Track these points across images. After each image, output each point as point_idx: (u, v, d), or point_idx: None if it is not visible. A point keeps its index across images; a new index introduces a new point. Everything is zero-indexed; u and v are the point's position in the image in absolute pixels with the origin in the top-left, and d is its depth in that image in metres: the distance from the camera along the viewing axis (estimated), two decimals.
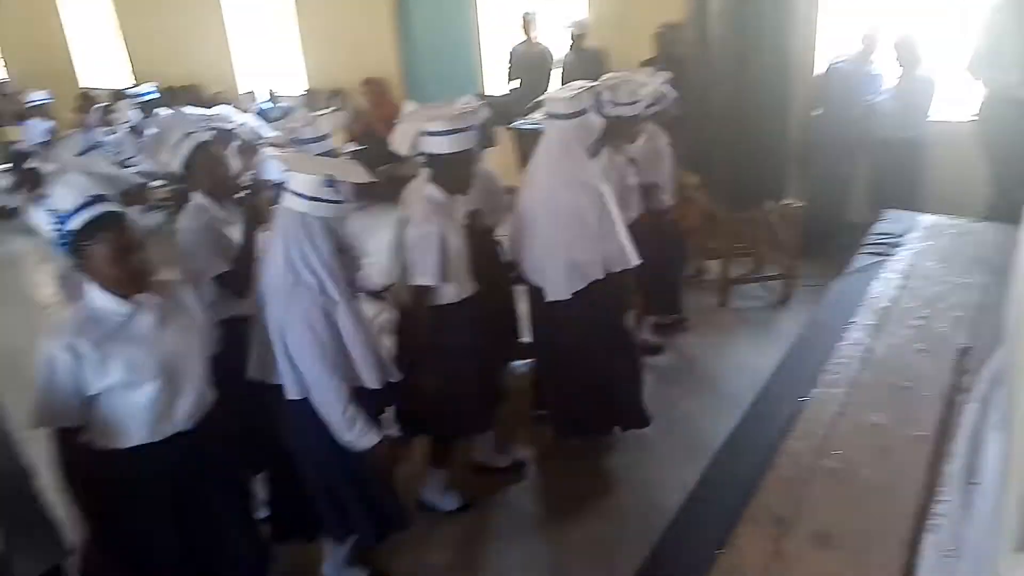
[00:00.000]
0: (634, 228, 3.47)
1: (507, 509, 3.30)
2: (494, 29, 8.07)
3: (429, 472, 3.26)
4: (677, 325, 4.77)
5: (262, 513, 2.72)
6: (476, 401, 3.11)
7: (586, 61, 6.83)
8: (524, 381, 3.84)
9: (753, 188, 4.88)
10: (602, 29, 6.98)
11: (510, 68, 7.44)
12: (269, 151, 3.80)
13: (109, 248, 1.96)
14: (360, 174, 2.43)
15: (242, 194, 2.91)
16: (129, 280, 2.01)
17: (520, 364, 3.98)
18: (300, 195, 2.32)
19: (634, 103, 3.65)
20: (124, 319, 2.03)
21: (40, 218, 1.99)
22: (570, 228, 3.11)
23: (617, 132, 3.67)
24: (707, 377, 4.29)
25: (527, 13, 7.27)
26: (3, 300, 5.90)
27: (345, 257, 2.49)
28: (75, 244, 1.96)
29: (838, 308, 2.77)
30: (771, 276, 5.20)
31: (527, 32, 7.29)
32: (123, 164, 7.22)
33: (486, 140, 3.69)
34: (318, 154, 3.26)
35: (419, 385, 2.83)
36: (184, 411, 2.14)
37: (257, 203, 2.79)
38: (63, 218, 1.94)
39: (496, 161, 3.82)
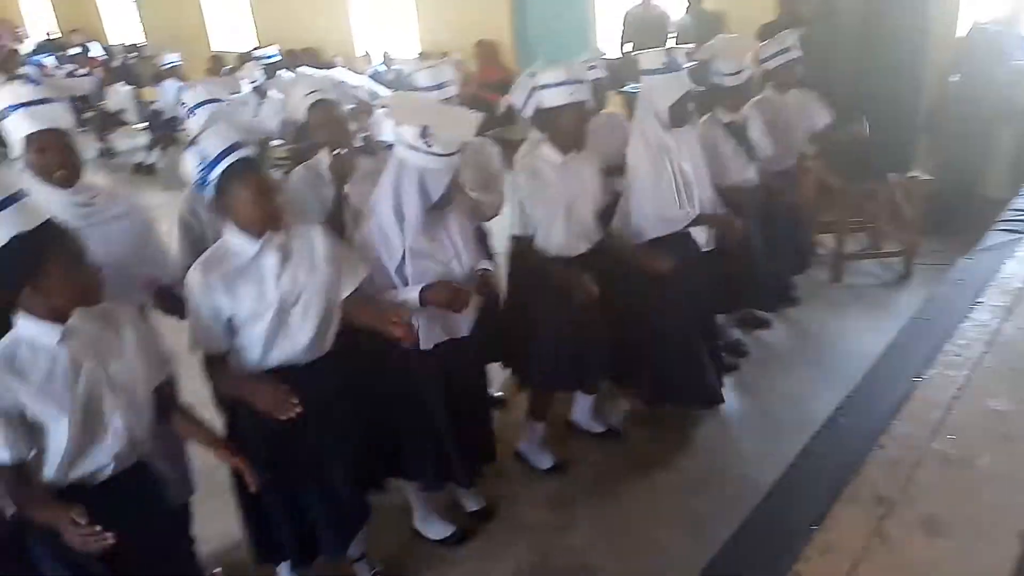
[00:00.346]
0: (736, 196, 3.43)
1: (598, 473, 3.31)
2: None
3: (527, 425, 3.30)
4: (787, 300, 4.59)
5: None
6: (588, 358, 3.11)
7: (703, 24, 6.61)
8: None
9: (876, 159, 4.61)
10: None
11: (624, 32, 7.30)
12: (381, 111, 3.88)
13: (248, 191, 2.08)
14: (465, 124, 2.45)
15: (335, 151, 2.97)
16: (263, 221, 2.13)
17: None
18: (401, 143, 2.41)
19: (738, 72, 3.52)
20: (253, 257, 2.16)
21: (188, 163, 2.13)
22: (636, 182, 3.11)
23: (718, 100, 3.55)
24: (815, 354, 4.14)
25: None
26: None
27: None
28: (218, 187, 2.09)
29: (963, 287, 2.59)
30: (889, 253, 4.93)
31: None
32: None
33: (598, 102, 3.64)
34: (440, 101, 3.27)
35: (538, 334, 2.95)
36: (299, 346, 2.24)
37: (344, 160, 2.85)
38: (209, 164, 2.07)
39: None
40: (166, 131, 9.36)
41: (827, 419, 2.08)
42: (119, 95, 10.65)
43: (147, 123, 9.83)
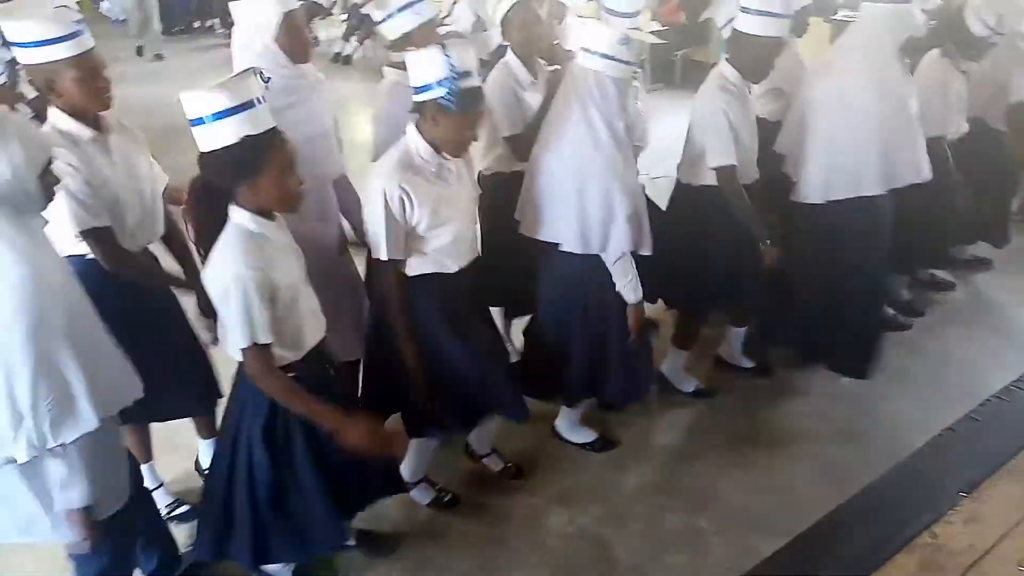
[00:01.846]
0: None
1: (739, 407, 3.27)
2: None
3: (672, 351, 3.31)
4: (978, 264, 4.24)
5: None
6: (744, 291, 3.06)
7: None
8: None
9: None
10: None
11: None
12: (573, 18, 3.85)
13: (468, 119, 2.18)
14: (649, 37, 2.43)
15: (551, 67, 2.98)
16: (459, 149, 2.26)
17: None
18: (596, 53, 2.38)
19: (996, 31, 3.21)
20: (439, 166, 2.26)
21: (429, 63, 2.14)
22: (852, 129, 2.91)
23: (967, 47, 3.27)
24: (1000, 322, 3.82)
25: None
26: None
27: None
28: (459, 102, 2.12)
29: None
30: None
31: None
32: (442, 22, 7.72)
33: (800, 27, 3.42)
34: (630, 27, 3.23)
35: (698, 261, 2.95)
36: (468, 252, 2.37)
37: (554, 73, 2.86)
38: (458, 74, 2.11)
39: (807, 51, 3.52)
40: (364, 23, 9.72)
41: (1001, 388, 1.95)
42: None
43: (346, 14, 10.23)
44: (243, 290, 1.82)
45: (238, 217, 1.88)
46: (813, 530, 2.03)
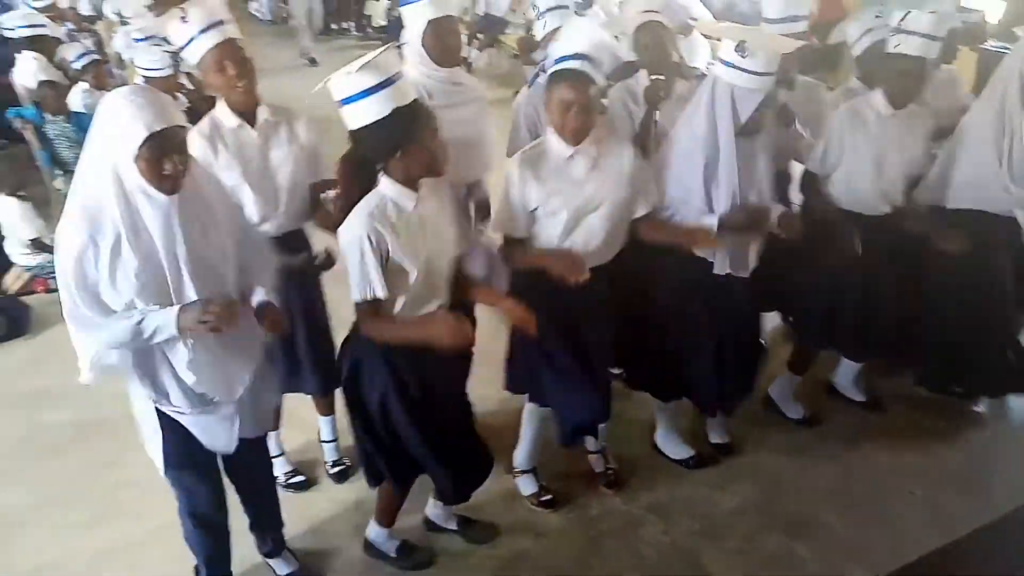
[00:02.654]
0: None
1: (847, 438, 3.22)
2: None
3: (786, 375, 3.30)
4: None
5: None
6: (867, 325, 3.00)
7: None
8: None
9: None
10: None
11: None
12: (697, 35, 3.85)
13: (561, 96, 2.29)
14: (782, 45, 2.43)
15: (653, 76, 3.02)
16: (569, 129, 2.33)
17: None
18: (721, 62, 2.43)
19: None
20: (566, 159, 2.38)
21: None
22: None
23: None
24: None
25: None
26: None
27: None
28: (547, 84, 2.32)
29: None
30: None
31: None
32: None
33: (948, 54, 3.33)
34: (787, 35, 3.07)
35: (816, 288, 2.97)
36: (588, 247, 2.43)
37: (660, 86, 2.90)
38: (552, 60, 2.31)
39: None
40: (491, 32, 9.99)
41: None
42: None
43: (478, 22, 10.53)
44: (361, 249, 1.97)
45: (388, 190, 2.03)
46: (916, 565, 1.99)
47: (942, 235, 2.80)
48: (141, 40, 5.59)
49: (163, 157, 1.77)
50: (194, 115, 4.97)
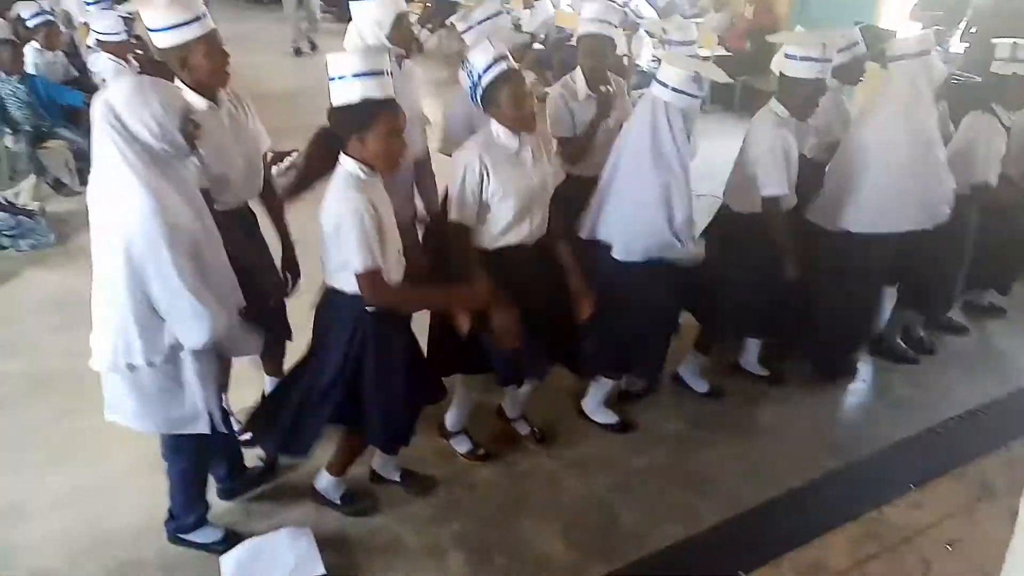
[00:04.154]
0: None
1: (747, 409, 3.62)
2: None
3: (691, 353, 3.66)
4: (991, 310, 4.54)
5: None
6: (758, 307, 3.38)
7: (1001, 11, 6.13)
8: None
9: None
10: None
11: (916, 6, 6.87)
12: (644, 37, 4.18)
13: (510, 94, 2.54)
14: (720, 75, 2.77)
15: (603, 88, 3.32)
16: (522, 120, 2.59)
17: None
18: (668, 86, 2.73)
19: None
20: (514, 149, 2.63)
21: (462, 77, 2.62)
22: (885, 171, 3.23)
23: (997, 92, 3.51)
24: (999, 366, 4.08)
25: None
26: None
27: None
28: (485, 93, 2.56)
29: None
30: None
31: None
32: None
33: (854, 74, 3.72)
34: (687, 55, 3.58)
35: (730, 283, 3.25)
36: (530, 230, 2.72)
37: (607, 98, 3.24)
38: (478, 74, 2.54)
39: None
40: (442, 15, 10.14)
41: (965, 411, 2.27)
42: None
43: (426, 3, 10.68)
44: (360, 220, 2.18)
45: (347, 164, 2.27)
46: (786, 496, 2.38)
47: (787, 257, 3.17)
48: (93, 4, 5.63)
49: (191, 119, 2.07)
50: None
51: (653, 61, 2.85)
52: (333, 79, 2.21)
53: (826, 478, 2.49)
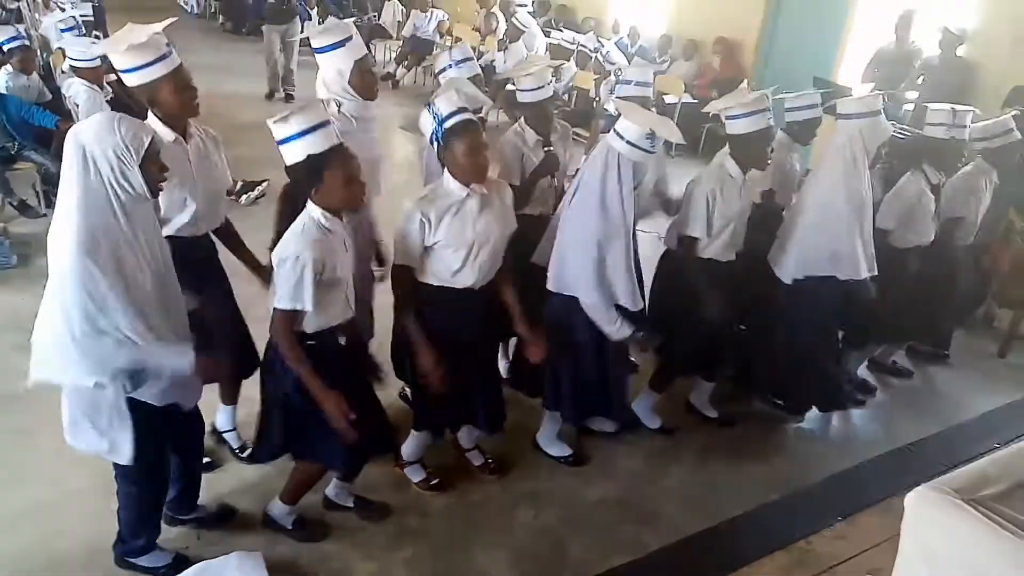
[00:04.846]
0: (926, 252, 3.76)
1: (697, 447, 3.72)
2: (867, 23, 7.82)
3: (645, 391, 3.76)
4: (936, 356, 4.71)
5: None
6: (714, 349, 3.50)
7: (952, 71, 6.45)
8: None
9: None
10: (987, 41, 6.49)
11: (869, 66, 7.17)
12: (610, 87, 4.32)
13: (465, 146, 2.64)
14: (675, 135, 2.90)
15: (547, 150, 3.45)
16: (473, 172, 2.68)
17: None
18: (623, 139, 2.86)
19: (955, 126, 3.65)
20: (460, 200, 2.72)
21: (425, 119, 2.72)
22: (824, 225, 3.39)
23: (929, 154, 3.70)
24: (941, 408, 4.24)
25: (905, 12, 6.94)
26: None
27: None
28: (444, 139, 2.65)
29: None
30: None
31: (898, 32, 6.96)
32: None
33: (806, 134, 3.90)
34: (628, 97, 3.69)
35: (682, 324, 3.35)
36: (478, 275, 2.80)
37: (552, 159, 3.39)
38: (440, 119, 2.65)
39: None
40: (417, 52, 10.36)
41: (891, 450, 2.39)
42: (392, 11, 11.85)
43: (402, 42, 10.89)
44: (301, 265, 2.30)
45: (312, 211, 2.38)
46: (721, 526, 2.47)
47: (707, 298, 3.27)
48: (66, 30, 5.71)
49: (159, 160, 2.11)
50: (117, 106, 5.17)
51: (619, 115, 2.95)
52: (281, 143, 2.33)
53: (760, 509, 2.61)
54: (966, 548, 1.21)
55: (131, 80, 2.56)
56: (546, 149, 3.42)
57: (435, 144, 2.70)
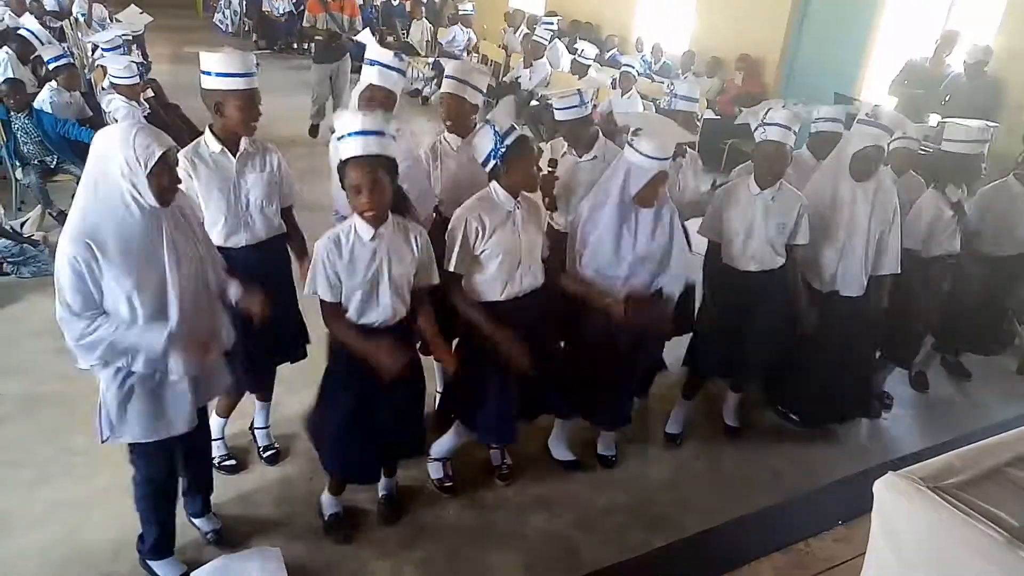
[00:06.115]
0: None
1: (715, 453, 3.78)
2: (890, 40, 7.84)
3: (679, 401, 3.84)
4: (960, 372, 4.75)
5: None
6: (743, 360, 3.55)
7: (978, 90, 6.44)
8: None
9: None
10: (1012, 56, 6.49)
11: (898, 77, 7.15)
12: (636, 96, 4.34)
13: (523, 161, 2.78)
14: (687, 136, 2.98)
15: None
16: (525, 184, 2.85)
17: None
18: (637, 151, 2.94)
19: (971, 142, 3.68)
20: (510, 210, 2.85)
21: (484, 137, 2.80)
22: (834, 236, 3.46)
23: (945, 171, 3.74)
24: (956, 425, 4.22)
25: (949, 32, 6.91)
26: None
27: None
28: (504, 154, 2.75)
29: None
30: None
31: (938, 51, 6.92)
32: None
33: (825, 149, 3.95)
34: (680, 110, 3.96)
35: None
36: (521, 285, 2.92)
37: (548, 180, 3.48)
38: (502, 136, 2.76)
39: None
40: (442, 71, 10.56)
41: (898, 457, 2.43)
42: (421, 29, 12.11)
43: (434, 59, 11.12)
44: (318, 255, 2.49)
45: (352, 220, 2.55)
46: (723, 527, 2.52)
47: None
48: (110, 50, 5.96)
49: (170, 172, 2.20)
50: (154, 120, 5.40)
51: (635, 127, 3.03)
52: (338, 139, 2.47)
53: (761, 511, 2.68)
54: (930, 533, 1.28)
55: (208, 82, 2.73)
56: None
57: (493, 159, 2.78)
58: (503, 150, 2.75)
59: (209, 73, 2.72)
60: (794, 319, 3.51)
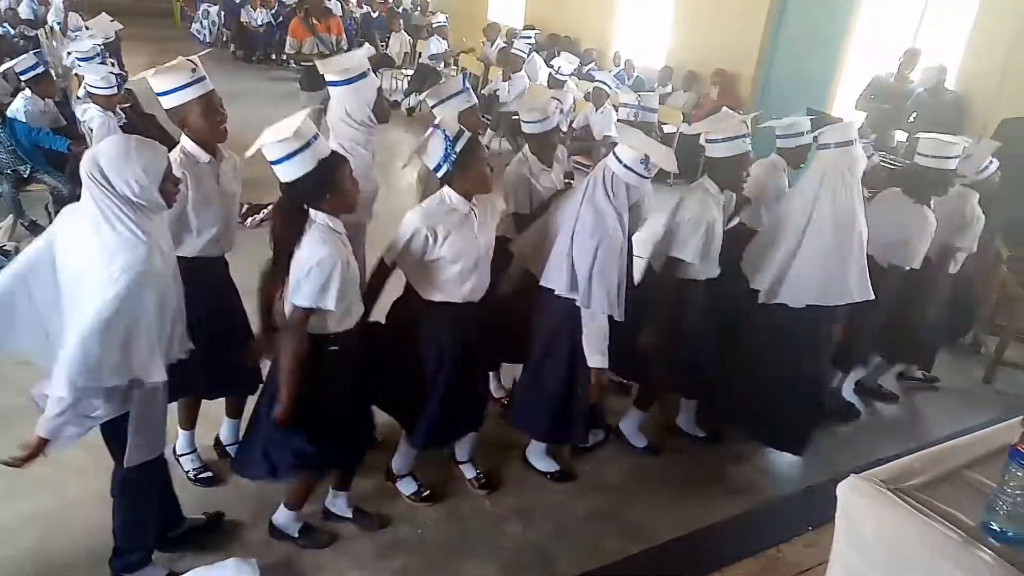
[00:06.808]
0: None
1: (682, 464, 3.82)
2: (862, 55, 8.02)
3: (630, 409, 3.86)
4: (926, 381, 4.81)
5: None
6: (697, 369, 3.59)
7: (941, 105, 6.60)
8: None
9: None
10: (977, 75, 6.66)
11: (864, 92, 7.34)
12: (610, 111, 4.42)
13: (476, 163, 2.80)
14: (670, 163, 3.02)
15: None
16: (482, 184, 2.85)
17: None
18: (620, 161, 2.99)
19: (946, 158, 3.76)
20: (465, 214, 2.86)
21: (436, 142, 2.82)
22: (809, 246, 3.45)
23: (925, 183, 3.82)
24: (922, 432, 4.31)
25: (912, 49, 7.11)
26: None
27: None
28: (455, 159, 2.78)
29: None
30: None
31: (901, 68, 7.12)
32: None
33: (798, 158, 4.04)
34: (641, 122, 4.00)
35: (652, 342, 3.39)
36: (474, 289, 2.95)
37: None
38: (451, 142, 2.79)
39: None
40: (427, 80, 10.61)
41: (870, 463, 2.47)
42: (399, 41, 12.16)
43: (414, 71, 11.17)
44: (330, 267, 2.43)
45: (320, 219, 2.50)
46: (696, 533, 2.55)
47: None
48: (86, 60, 5.94)
49: (172, 176, 2.27)
50: (128, 130, 5.39)
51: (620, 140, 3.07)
52: (283, 160, 2.42)
53: (734, 518, 2.72)
54: (891, 532, 1.33)
55: (166, 102, 2.72)
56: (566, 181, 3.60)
57: (445, 165, 2.80)
58: (454, 155, 2.77)
59: (163, 93, 2.71)
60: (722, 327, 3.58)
